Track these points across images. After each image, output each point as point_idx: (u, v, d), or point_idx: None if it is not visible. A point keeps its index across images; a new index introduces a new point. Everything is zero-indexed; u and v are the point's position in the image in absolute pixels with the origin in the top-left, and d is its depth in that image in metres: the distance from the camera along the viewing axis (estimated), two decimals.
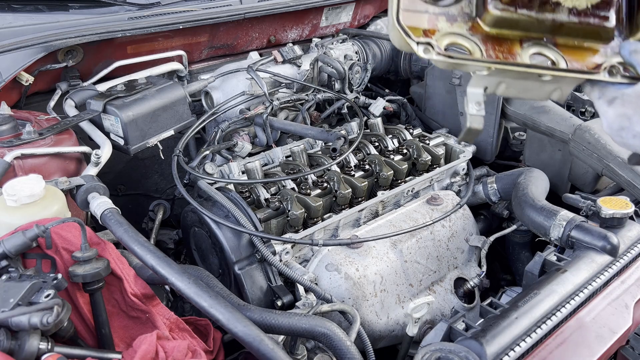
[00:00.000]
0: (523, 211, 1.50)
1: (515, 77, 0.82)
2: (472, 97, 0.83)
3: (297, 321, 1.04)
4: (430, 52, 0.78)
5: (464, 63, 0.81)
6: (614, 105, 0.80)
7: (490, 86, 0.83)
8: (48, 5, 1.65)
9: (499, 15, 0.82)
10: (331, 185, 1.56)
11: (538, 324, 1.10)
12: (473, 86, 0.82)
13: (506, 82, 0.83)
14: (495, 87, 0.83)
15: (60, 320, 0.83)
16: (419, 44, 0.78)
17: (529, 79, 0.83)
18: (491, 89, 0.83)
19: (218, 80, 1.83)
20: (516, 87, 0.84)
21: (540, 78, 0.82)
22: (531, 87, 0.84)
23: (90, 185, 1.17)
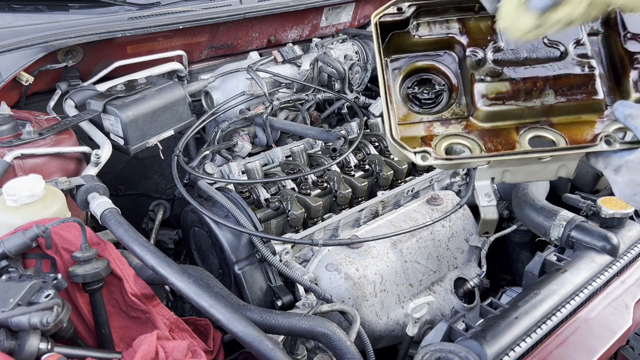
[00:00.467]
0: (523, 211, 1.50)
1: (517, 164, 0.84)
2: (481, 190, 0.86)
3: (297, 321, 1.04)
4: (428, 159, 0.82)
5: (463, 162, 0.83)
6: (620, 173, 0.80)
7: (496, 176, 0.86)
8: (48, 5, 1.65)
9: (489, 111, 0.86)
10: (331, 185, 1.56)
11: (538, 324, 1.10)
12: (479, 179, 0.86)
13: (510, 170, 0.85)
14: (501, 176, 0.86)
15: (60, 320, 0.83)
16: (416, 153, 0.82)
17: (530, 163, 0.84)
18: (498, 179, 0.86)
19: (218, 80, 1.83)
20: (521, 173, 0.86)
21: (541, 160, 0.84)
22: (536, 170, 0.86)
23: (90, 185, 1.17)
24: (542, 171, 0.86)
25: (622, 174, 0.80)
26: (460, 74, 0.92)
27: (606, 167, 0.82)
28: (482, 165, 0.84)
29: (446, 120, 0.89)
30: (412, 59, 0.93)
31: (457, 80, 0.92)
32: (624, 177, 0.80)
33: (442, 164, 0.82)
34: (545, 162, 0.84)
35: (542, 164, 0.85)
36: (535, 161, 0.84)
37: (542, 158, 0.83)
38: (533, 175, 0.87)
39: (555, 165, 0.86)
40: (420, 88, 0.92)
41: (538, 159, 0.83)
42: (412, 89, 0.92)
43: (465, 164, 0.85)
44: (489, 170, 0.85)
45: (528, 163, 0.84)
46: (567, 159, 0.85)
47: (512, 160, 0.83)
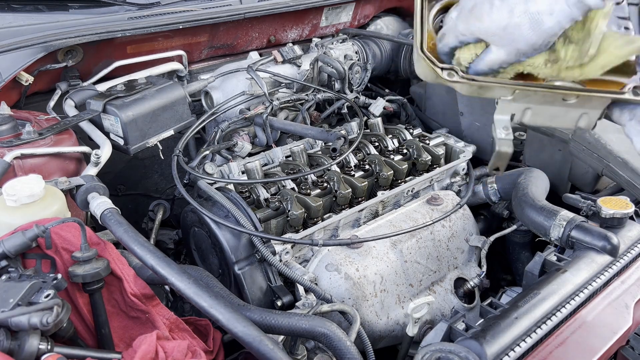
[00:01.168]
0: (523, 211, 1.50)
1: (541, 102, 0.83)
2: (500, 123, 0.85)
3: (297, 321, 1.04)
4: (454, 76, 0.81)
5: (488, 85, 0.82)
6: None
7: (517, 113, 0.84)
8: (48, 5, 1.65)
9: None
10: (331, 185, 1.56)
11: (538, 324, 1.10)
12: (500, 113, 0.84)
13: (532, 108, 0.84)
14: (522, 114, 0.85)
15: (60, 320, 0.83)
16: (444, 69, 0.81)
17: (554, 104, 0.83)
18: (518, 116, 0.85)
19: (218, 80, 1.83)
20: (542, 114, 0.85)
21: (566, 102, 0.82)
22: (557, 114, 0.85)
23: (90, 185, 1.17)
24: (564, 116, 0.85)
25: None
26: None
27: (632, 118, 0.82)
28: (507, 96, 0.82)
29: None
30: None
31: None
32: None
33: (468, 84, 0.81)
34: (569, 105, 0.83)
35: (565, 106, 0.83)
36: (560, 101, 0.82)
37: (567, 98, 0.82)
38: (553, 120, 0.86)
39: (577, 111, 0.84)
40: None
41: (563, 99, 0.82)
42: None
43: (491, 89, 0.83)
44: (511, 105, 0.83)
45: (552, 102, 0.83)
46: (591, 105, 0.83)
47: (537, 94, 0.81)
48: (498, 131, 0.85)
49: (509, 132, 0.85)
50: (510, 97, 0.82)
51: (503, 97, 0.83)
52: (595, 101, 0.83)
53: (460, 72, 0.81)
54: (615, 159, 1.58)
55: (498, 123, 0.85)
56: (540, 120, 0.86)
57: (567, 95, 0.82)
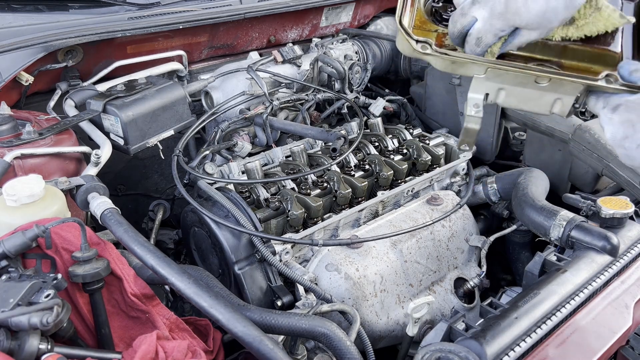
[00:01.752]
0: (523, 211, 1.50)
1: (514, 83, 0.84)
2: (472, 101, 0.86)
3: (297, 321, 1.04)
4: (427, 48, 0.83)
5: (462, 60, 0.83)
6: (618, 111, 0.81)
7: (490, 92, 0.85)
8: (48, 5, 1.65)
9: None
10: (331, 185, 1.56)
11: (538, 324, 1.10)
12: (474, 91, 0.86)
13: (506, 88, 0.85)
14: (496, 94, 0.85)
15: (60, 320, 0.83)
16: (418, 42, 0.82)
17: (527, 86, 0.84)
18: (492, 96, 0.86)
19: (218, 80, 1.83)
20: (516, 96, 0.86)
21: (539, 84, 0.83)
22: (531, 96, 0.85)
23: (90, 185, 1.17)
24: (537, 100, 0.86)
25: (620, 112, 0.80)
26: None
27: (605, 106, 0.83)
28: (480, 73, 0.84)
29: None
30: None
31: None
32: (622, 115, 0.80)
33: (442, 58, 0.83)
34: (542, 88, 0.84)
35: (539, 90, 0.84)
36: (532, 84, 0.84)
37: (539, 81, 0.83)
38: (526, 103, 0.87)
39: (551, 96, 0.85)
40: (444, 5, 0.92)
41: (535, 81, 0.83)
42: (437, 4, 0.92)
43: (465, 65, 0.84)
44: (485, 83, 0.85)
45: (525, 84, 0.84)
46: (564, 90, 0.84)
47: (509, 74, 0.83)
48: (469, 108, 0.86)
49: (479, 110, 0.86)
50: (482, 74, 0.84)
51: (476, 75, 0.84)
52: (567, 86, 0.84)
53: (433, 46, 0.83)
54: (615, 159, 1.58)
55: (470, 100, 0.86)
56: (514, 102, 0.87)
57: (540, 78, 0.83)
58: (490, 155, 1.98)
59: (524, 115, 1.85)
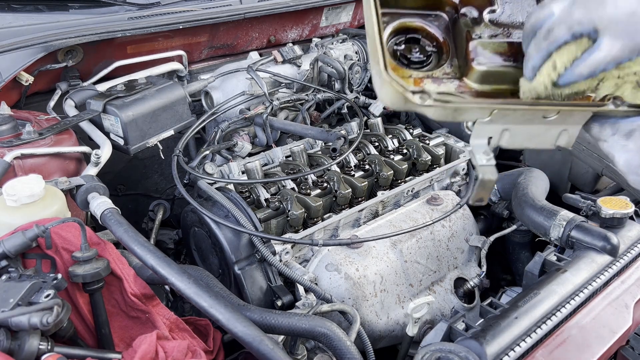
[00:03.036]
0: (523, 211, 1.50)
1: (519, 122, 0.78)
2: (479, 149, 0.79)
3: (297, 321, 1.04)
4: (427, 100, 0.73)
5: (465, 107, 0.76)
6: (633, 138, 0.74)
7: (494, 135, 0.79)
8: (48, 5, 1.65)
9: (485, 70, 0.79)
10: (331, 185, 1.56)
11: (538, 324, 1.10)
12: (476, 137, 0.79)
13: (510, 129, 0.79)
14: (500, 136, 0.79)
15: (60, 320, 0.83)
16: (414, 92, 0.73)
17: (533, 122, 0.79)
18: (495, 139, 0.79)
19: (218, 80, 1.83)
20: (521, 135, 0.80)
21: (546, 118, 0.78)
22: (537, 133, 0.80)
23: (90, 185, 1.17)
24: (543, 135, 0.81)
25: (635, 138, 0.74)
26: (453, 34, 0.85)
27: (614, 133, 0.76)
28: (484, 117, 0.77)
29: (437, 78, 0.81)
30: (401, 15, 0.85)
31: (448, 41, 0.85)
32: (637, 142, 0.73)
33: (442, 107, 0.74)
34: (549, 122, 0.79)
35: (545, 124, 0.79)
36: (540, 119, 0.78)
37: (547, 115, 0.77)
38: (532, 140, 0.81)
39: (557, 129, 0.80)
40: (407, 47, 0.84)
41: (543, 116, 0.77)
42: (399, 47, 0.84)
43: (467, 110, 0.76)
44: (487, 127, 0.78)
45: (531, 121, 0.78)
46: (572, 120, 0.79)
47: (516, 113, 0.76)
48: (478, 157, 0.78)
49: (490, 158, 0.78)
50: (487, 118, 0.76)
51: (479, 120, 0.77)
52: (576, 116, 0.79)
53: (433, 95, 0.74)
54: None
55: (477, 149, 0.78)
56: (519, 142, 0.81)
57: (548, 112, 0.77)
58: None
59: None
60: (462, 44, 0.82)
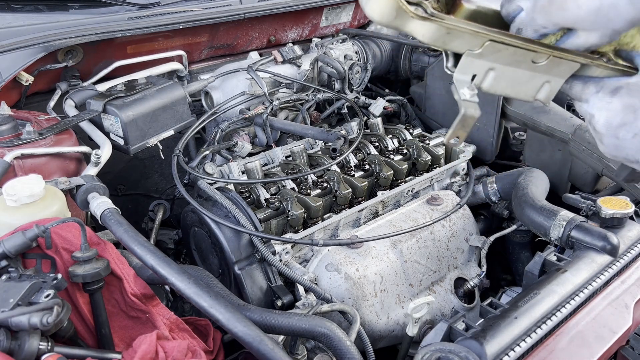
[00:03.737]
0: (523, 211, 1.50)
1: (508, 62, 0.75)
2: (462, 84, 0.75)
3: (297, 321, 1.04)
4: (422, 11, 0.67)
5: (459, 30, 0.71)
6: (618, 95, 0.71)
7: (479, 73, 0.75)
8: (48, 5, 1.65)
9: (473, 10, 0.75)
10: (331, 185, 1.56)
11: (538, 324, 1.10)
12: (461, 72, 0.75)
13: (496, 69, 0.75)
14: (484, 75, 0.76)
15: (60, 320, 0.83)
16: (410, 3, 0.66)
17: (521, 66, 0.76)
18: (479, 78, 0.76)
19: (218, 80, 1.83)
20: (505, 78, 0.77)
21: (535, 63, 0.75)
22: (520, 79, 0.77)
23: (90, 185, 1.17)
24: (526, 84, 0.78)
25: (621, 95, 0.71)
26: None
27: (599, 90, 0.73)
28: (475, 48, 0.72)
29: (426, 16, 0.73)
30: None
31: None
32: (623, 99, 0.71)
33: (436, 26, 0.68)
34: (535, 69, 0.76)
35: (531, 70, 0.76)
36: (528, 63, 0.75)
37: (537, 60, 0.74)
38: (514, 87, 0.78)
39: (540, 79, 0.77)
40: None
41: (532, 61, 0.74)
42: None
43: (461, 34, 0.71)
44: (475, 62, 0.74)
45: (519, 63, 0.75)
46: (558, 71, 0.76)
47: (508, 50, 0.73)
48: (462, 91, 0.73)
49: (473, 93, 0.74)
50: (478, 50, 0.73)
51: (470, 50, 0.73)
52: (563, 66, 0.76)
53: (429, 9, 0.68)
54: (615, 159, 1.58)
55: (460, 83, 0.74)
56: (501, 86, 0.77)
57: (539, 56, 0.74)
58: (490, 155, 1.98)
59: (524, 115, 1.85)
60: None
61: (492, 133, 1.93)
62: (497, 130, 1.92)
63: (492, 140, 1.94)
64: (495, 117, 1.90)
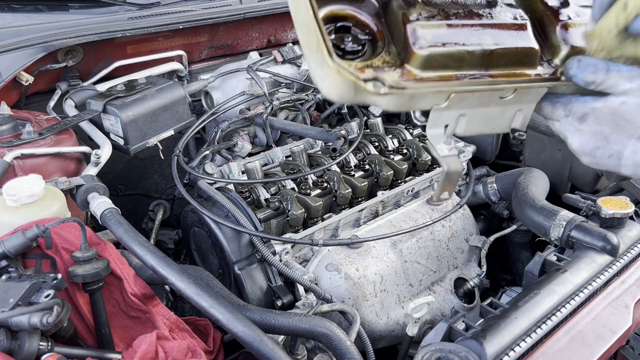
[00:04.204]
0: (523, 211, 1.50)
1: (476, 105, 0.75)
2: (437, 139, 0.74)
3: (297, 321, 1.04)
4: (381, 87, 0.66)
5: (422, 92, 0.70)
6: (587, 122, 0.72)
7: (450, 122, 0.75)
8: (48, 5, 1.66)
9: (427, 54, 0.72)
10: (331, 185, 1.56)
11: (538, 324, 1.10)
12: (432, 127, 0.74)
13: (466, 114, 0.75)
14: (456, 122, 0.75)
15: (60, 320, 0.83)
16: (366, 80, 0.65)
17: (490, 105, 0.75)
18: (452, 126, 0.75)
19: (218, 80, 1.83)
20: (477, 119, 0.76)
21: (503, 99, 0.75)
22: (493, 116, 0.77)
23: (90, 185, 1.17)
24: (499, 118, 0.78)
25: (589, 123, 0.72)
26: (386, 20, 0.78)
27: (568, 115, 0.74)
28: (440, 103, 0.71)
29: (378, 67, 0.73)
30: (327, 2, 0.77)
31: (381, 28, 0.77)
32: (591, 127, 0.72)
33: (398, 96, 0.67)
34: (504, 103, 0.76)
35: (501, 105, 0.76)
36: (496, 100, 0.75)
37: (504, 95, 0.74)
38: (488, 124, 0.78)
39: (512, 110, 0.77)
40: (338, 37, 0.75)
41: (500, 97, 0.74)
42: (330, 36, 0.74)
43: (423, 96, 0.71)
44: (444, 114, 0.73)
45: (488, 103, 0.75)
46: (527, 99, 0.77)
47: (474, 95, 0.72)
48: (439, 148, 0.73)
49: (451, 147, 0.73)
50: (444, 103, 0.72)
51: (436, 106, 0.72)
52: (532, 93, 0.76)
53: (387, 82, 0.66)
54: None
55: (435, 139, 0.73)
56: (476, 127, 0.77)
57: (505, 91, 0.74)
58: (490, 155, 1.98)
59: None
60: (398, 28, 0.75)
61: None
62: None
63: (492, 140, 1.94)
64: None
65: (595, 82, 0.71)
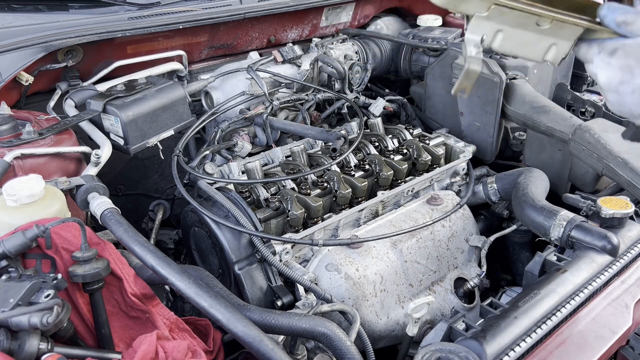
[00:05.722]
0: (523, 211, 1.50)
1: (514, 24, 0.82)
2: (470, 42, 0.84)
3: (297, 321, 1.04)
4: None
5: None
6: (616, 56, 0.78)
7: (488, 34, 0.83)
8: (48, 5, 1.66)
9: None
10: (331, 185, 1.56)
11: (538, 324, 1.10)
12: (472, 32, 0.83)
13: (504, 30, 0.83)
14: (493, 36, 0.84)
15: (60, 320, 0.83)
16: None
17: (527, 28, 0.83)
18: (489, 39, 0.84)
19: (218, 80, 1.83)
20: (513, 39, 0.84)
21: (539, 27, 0.82)
22: (528, 41, 0.84)
23: (90, 185, 1.17)
24: (534, 45, 0.85)
25: (618, 56, 0.78)
26: None
27: (600, 51, 0.80)
28: (482, 11, 0.81)
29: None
30: None
31: None
32: (620, 60, 0.78)
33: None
34: (542, 31, 0.83)
35: (537, 33, 0.83)
36: (533, 26, 0.82)
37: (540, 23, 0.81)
38: (522, 47, 0.85)
39: (547, 41, 0.84)
40: None
41: (536, 23, 0.82)
42: None
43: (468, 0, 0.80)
44: (483, 24, 0.82)
45: (525, 26, 0.82)
46: (563, 34, 0.83)
47: (512, 13, 0.81)
48: (469, 49, 0.83)
49: (479, 51, 0.84)
50: (485, 12, 0.81)
51: (477, 13, 0.81)
52: (567, 29, 0.82)
53: None
54: (615, 159, 1.58)
55: (469, 42, 0.84)
56: (510, 47, 0.85)
57: (542, 19, 0.82)
58: (490, 155, 1.98)
59: (524, 115, 1.85)
60: None
61: (492, 133, 1.93)
62: (497, 130, 1.92)
63: (492, 140, 1.94)
64: (495, 117, 1.90)
65: (626, 21, 0.77)
